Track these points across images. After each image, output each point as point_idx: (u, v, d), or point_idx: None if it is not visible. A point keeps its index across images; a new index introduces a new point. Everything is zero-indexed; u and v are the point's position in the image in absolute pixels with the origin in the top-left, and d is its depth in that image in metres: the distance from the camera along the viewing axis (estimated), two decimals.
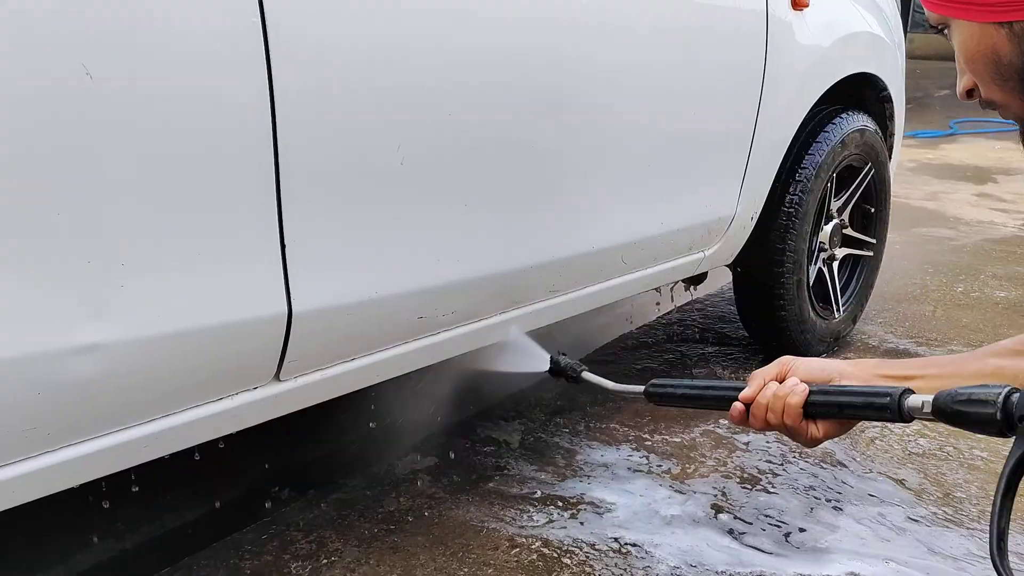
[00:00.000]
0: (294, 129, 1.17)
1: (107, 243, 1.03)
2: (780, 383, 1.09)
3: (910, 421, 0.98)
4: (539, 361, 1.61)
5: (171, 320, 1.11)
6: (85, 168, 0.99)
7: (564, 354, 1.60)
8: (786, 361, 1.13)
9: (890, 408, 0.98)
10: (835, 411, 1.05)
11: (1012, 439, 0.84)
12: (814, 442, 1.08)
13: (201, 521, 1.74)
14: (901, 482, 1.96)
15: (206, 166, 1.10)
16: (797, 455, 2.06)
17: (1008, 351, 1.06)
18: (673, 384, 1.28)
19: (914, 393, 0.98)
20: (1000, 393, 0.87)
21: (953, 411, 0.92)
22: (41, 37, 0.93)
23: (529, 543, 1.72)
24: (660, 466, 2.01)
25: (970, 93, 0.96)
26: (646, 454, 2.06)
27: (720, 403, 1.17)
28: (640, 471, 1.99)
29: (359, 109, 1.26)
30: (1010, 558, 0.85)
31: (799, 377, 1.09)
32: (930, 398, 0.95)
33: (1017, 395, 0.86)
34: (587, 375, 1.53)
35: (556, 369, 1.59)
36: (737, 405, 1.12)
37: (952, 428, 0.95)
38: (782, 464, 2.03)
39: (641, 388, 1.31)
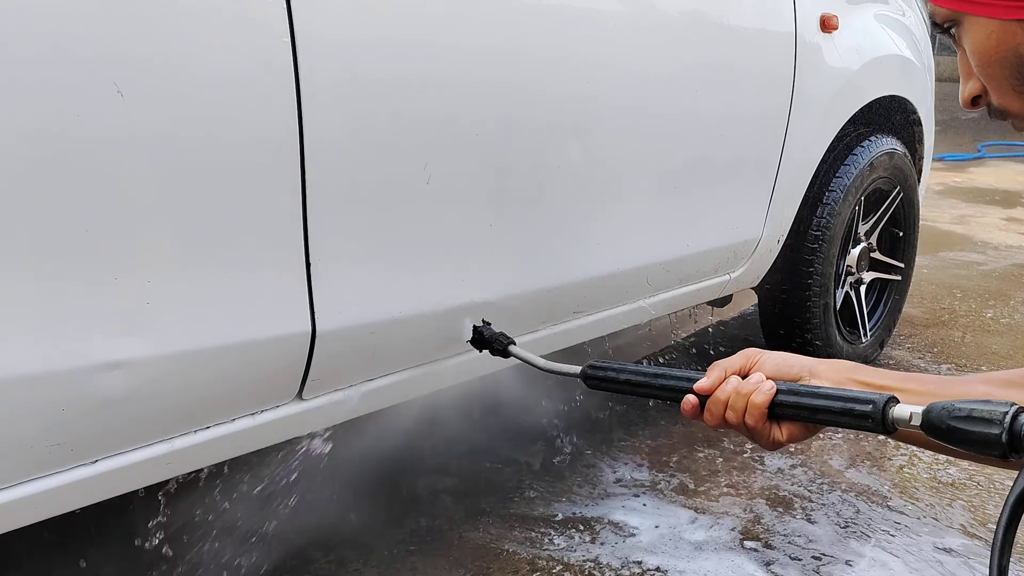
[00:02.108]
0: (321, 147, 1.17)
1: (134, 260, 1.03)
2: (743, 377, 0.98)
3: (892, 433, 0.88)
4: (464, 329, 1.43)
5: (196, 337, 1.11)
6: (113, 185, 1.00)
7: (489, 324, 1.43)
8: (751, 354, 1.01)
9: (872, 416, 0.87)
10: (806, 414, 0.93)
11: (1016, 467, 0.74)
12: (775, 445, 0.96)
13: (219, 539, 1.73)
14: (932, 512, 1.92)
15: (233, 184, 1.10)
16: (825, 481, 2.03)
17: (1001, 381, 0.94)
18: (616, 368, 1.11)
19: (900, 402, 0.87)
20: (1007, 412, 0.77)
21: (948, 427, 0.81)
22: (69, 52, 0.94)
23: (550, 567, 1.70)
24: (685, 489, 1.99)
25: (975, 101, 0.85)
26: (671, 477, 2.04)
27: (670, 393, 1.03)
28: (664, 494, 1.97)
29: (386, 129, 1.26)
30: None
31: (765, 373, 0.97)
32: (920, 409, 0.84)
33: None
34: (515, 349, 1.37)
35: (479, 340, 1.41)
36: (691, 398, 0.99)
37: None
38: (810, 490, 2.00)
39: (578, 369, 1.16)
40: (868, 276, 2.57)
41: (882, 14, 2.45)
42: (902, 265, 2.69)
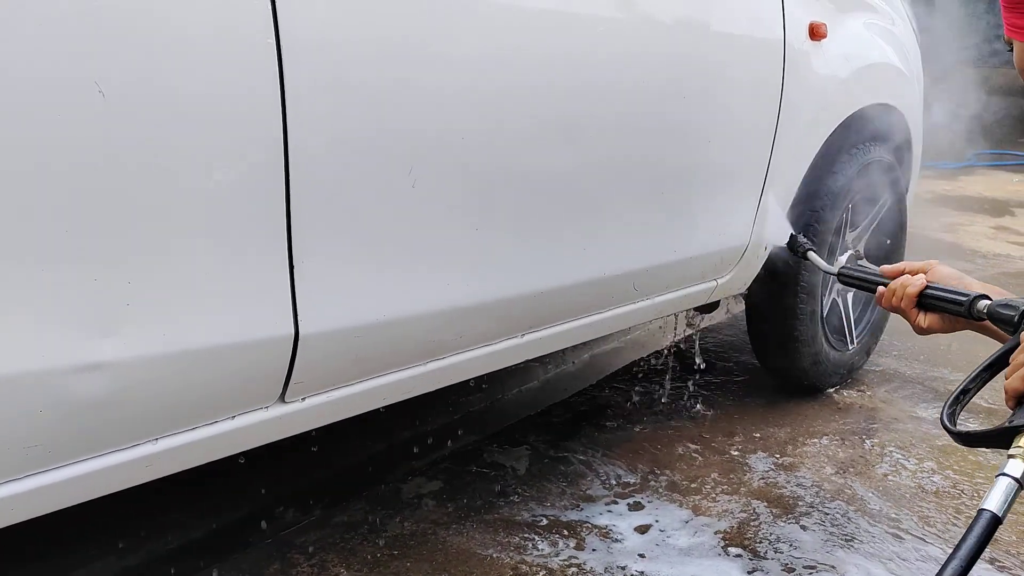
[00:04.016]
0: (305, 151, 1.16)
1: (114, 261, 1.02)
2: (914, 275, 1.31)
3: (979, 320, 1.18)
4: (782, 233, 2.06)
5: (176, 340, 1.10)
6: (94, 186, 0.99)
7: (799, 235, 2.00)
8: (931, 263, 1.32)
9: (965, 306, 1.19)
10: (932, 303, 1.25)
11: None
12: (921, 330, 1.28)
13: (202, 542, 1.73)
14: (914, 520, 1.93)
15: (216, 185, 1.10)
16: (811, 488, 2.03)
17: None
18: (857, 269, 1.54)
19: (986, 299, 1.18)
20: (1022, 307, 1.11)
21: (991, 311, 1.14)
22: (49, 52, 0.94)
23: (534, 572, 1.69)
24: (671, 494, 1.99)
25: None
26: (655, 482, 2.04)
27: (876, 286, 1.39)
28: (650, 499, 1.97)
29: (371, 132, 1.25)
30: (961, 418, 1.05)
31: (928, 276, 1.28)
32: (990, 302, 1.16)
33: None
34: (811, 256, 1.93)
35: (792, 244, 1.99)
36: (881, 288, 1.35)
37: (970, 464, 1.08)
38: (796, 496, 2.00)
39: (836, 269, 1.60)
40: None
41: (871, 23, 2.46)
42: None
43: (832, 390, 2.59)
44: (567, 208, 1.63)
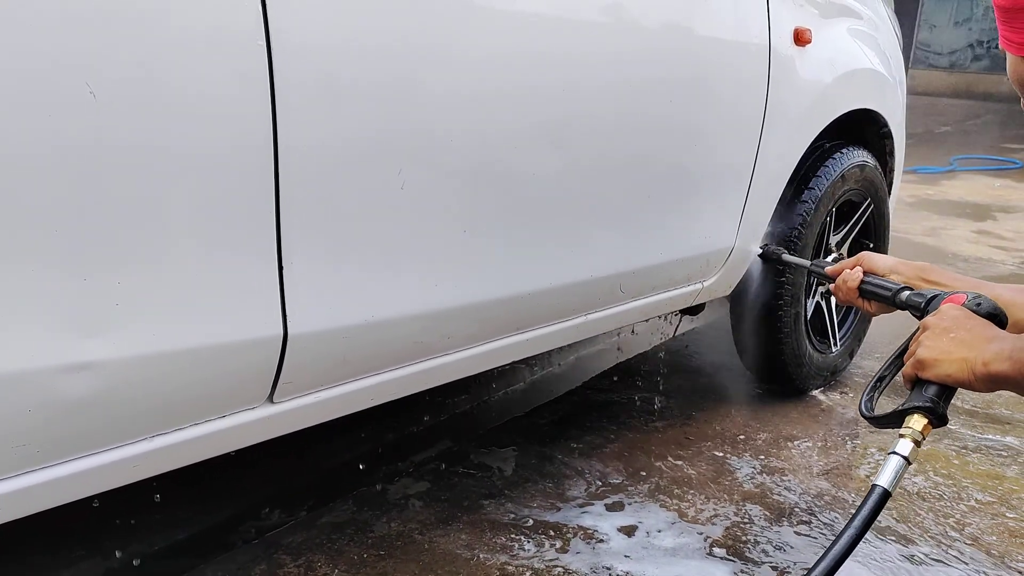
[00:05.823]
0: (295, 152, 1.17)
1: (104, 261, 1.03)
2: (852, 270, 1.50)
3: (902, 308, 1.38)
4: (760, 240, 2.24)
5: (165, 339, 1.11)
6: (83, 186, 0.99)
7: (767, 244, 2.22)
8: (862, 255, 1.53)
9: (891, 299, 1.40)
10: (870, 295, 1.46)
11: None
12: (870, 314, 1.49)
13: (188, 542, 1.73)
14: (897, 521, 1.95)
15: (206, 187, 1.10)
16: (794, 489, 2.05)
17: (1015, 290, 1.31)
18: (820, 265, 1.76)
19: (908, 290, 1.37)
20: (928, 296, 1.29)
21: (908, 301, 1.34)
22: (41, 52, 0.94)
23: (519, 573, 1.70)
24: (656, 496, 2.00)
25: None
26: (642, 483, 2.05)
27: (827, 280, 1.65)
28: (636, 500, 1.98)
29: (362, 133, 1.26)
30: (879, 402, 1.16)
31: (864, 267, 1.49)
32: (909, 292, 1.36)
33: (935, 298, 1.27)
34: (785, 257, 2.14)
35: (765, 254, 2.19)
36: (831, 285, 1.57)
37: (952, 467, 1.11)
38: (780, 499, 2.02)
39: (808, 263, 1.93)
40: None
41: (855, 28, 2.49)
42: None
43: (815, 392, 2.61)
44: (556, 210, 1.65)
